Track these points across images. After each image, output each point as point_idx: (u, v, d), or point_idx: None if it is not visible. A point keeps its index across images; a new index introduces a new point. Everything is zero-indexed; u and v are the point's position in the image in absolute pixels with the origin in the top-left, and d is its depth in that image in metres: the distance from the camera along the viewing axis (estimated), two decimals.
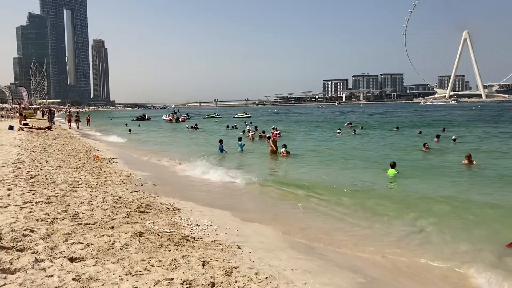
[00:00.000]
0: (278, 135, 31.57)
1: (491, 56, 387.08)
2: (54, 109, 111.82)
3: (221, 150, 22.37)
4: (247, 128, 39.37)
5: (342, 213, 10.04)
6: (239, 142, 22.67)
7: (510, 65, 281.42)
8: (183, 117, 69.97)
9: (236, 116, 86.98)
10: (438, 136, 27.65)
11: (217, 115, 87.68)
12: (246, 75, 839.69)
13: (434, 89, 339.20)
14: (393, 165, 15.31)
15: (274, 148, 21.21)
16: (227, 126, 45.61)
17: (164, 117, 73.32)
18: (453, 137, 26.65)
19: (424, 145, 22.29)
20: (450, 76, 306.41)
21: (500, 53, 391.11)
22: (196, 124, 48.15)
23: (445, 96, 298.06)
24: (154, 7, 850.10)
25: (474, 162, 16.92)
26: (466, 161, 17.03)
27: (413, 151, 22.48)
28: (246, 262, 6.04)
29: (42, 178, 11.06)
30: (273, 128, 37.61)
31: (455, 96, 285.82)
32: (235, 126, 45.38)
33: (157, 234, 6.86)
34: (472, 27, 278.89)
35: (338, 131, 35.37)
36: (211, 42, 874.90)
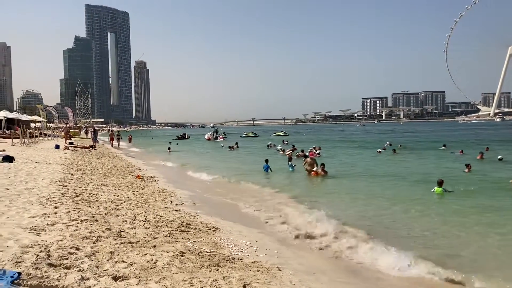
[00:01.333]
0: (318, 154, 31.36)
1: None
2: (97, 128, 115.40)
3: (267, 169, 22.43)
4: (279, 148, 39.34)
5: (385, 234, 9.80)
6: (290, 163, 22.49)
7: None
8: (222, 136, 70.64)
9: (273, 134, 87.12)
10: (481, 154, 26.76)
11: (255, 134, 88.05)
12: (284, 93, 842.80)
13: (478, 106, 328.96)
14: (440, 183, 14.93)
15: (312, 167, 21.04)
16: (268, 146, 45.52)
17: (205, 136, 74.27)
18: (499, 156, 25.70)
19: (467, 166, 21.48)
20: (495, 93, 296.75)
21: None
22: (236, 143, 48.41)
23: (489, 114, 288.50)
24: (192, 30, 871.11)
25: None
26: None
27: (455, 171, 21.72)
28: (287, 284, 5.98)
29: (87, 196, 11.39)
30: (313, 148, 37.44)
31: (501, 114, 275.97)
32: (273, 144, 45.38)
33: (198, 254, 6.89)
34: None
35: (378, 150, 34.84)
36: (249, 61, 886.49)
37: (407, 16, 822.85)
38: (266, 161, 23.13)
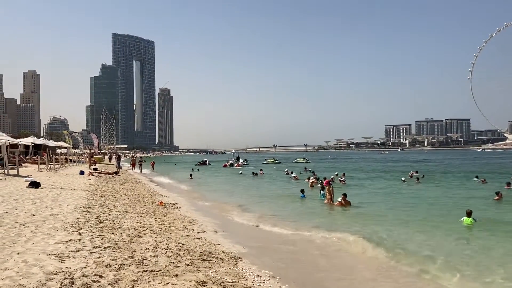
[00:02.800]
0: (343, 182, 31.02)
1: None
2: (121, 154, 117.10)
3: (303, 196, 23.23)
4: (293, 175, 39.25)
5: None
6: (322, 192, 22.35)
7: None
8: (239, 163, 70.65)
9: (295, 161, 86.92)
10: (509, 184, 26.19)
11: (276, 160, 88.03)
12: (305, 119, 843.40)
13: (505, 134, 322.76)
14: (469, 213, 14.69)
15: (330, 196, 20.67)
16: (287, 172, 45.56)
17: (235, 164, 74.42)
18: None
19: (498, 193, 21.03)
20: None
21: None
22: (261, 170, 48.59)
23: None
24: (214, 57, 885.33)
25: None
26: None
27: (483, 200, 21.22)
28: None
29: (110, 223, 11.48)
30: (336, 174, 37.17)
31: None
32: (290, 172, 45.32)
33: (220, 284, 6.83)
34: None
35: (402, 179, 34.41)
36: (270, 87, 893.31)
37: (431, 43, 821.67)
38: (302, 191, 23.81)
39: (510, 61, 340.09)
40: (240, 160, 75.27)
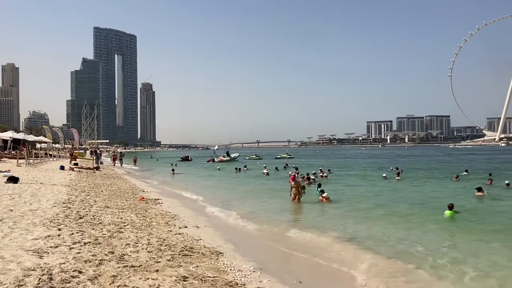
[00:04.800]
0: (326, 177, 31.18)
1: None
2: (102, 150, 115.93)
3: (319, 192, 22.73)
4: (264, 171, 39.41)
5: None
6: (319, 189, 22.21)
7: None
8: (220, 158, 70.50)
9: (278, 157, 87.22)
10: (490, 180, 26.71)
11: (258, 156, 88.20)
12: (288, 116, 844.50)
13: (483, 131, 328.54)
14: (450, 207, 15.11)
15: (297, 191, 20.12)
16: (276, 168, 45.68)
17: (217, 159, 74.32)
18: (506, 181, 25.58)
19: (479, 189, 21.41)
20: (500, 118, 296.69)
21: None
22: (245, 166, 48.65)
23: (494, 138, 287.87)
24: (197, 53, 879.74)
25: None
26: None
27: (465, 196, 21.55)
28: None
29: (91, 218, 11.37)
30: (320, 170, 37.31)
31: (505, 139, 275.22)
32: (263, 166, 45.52)
33: (201, 279, 6.83)
34: None
35: (384, 175, 34.74)
36: (254, 84, 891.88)
37: (412, 41, 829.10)
38: (319, 185, 23.17)
39: (489, 59, 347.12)
40: (233, 155, 75.20)
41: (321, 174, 33.84)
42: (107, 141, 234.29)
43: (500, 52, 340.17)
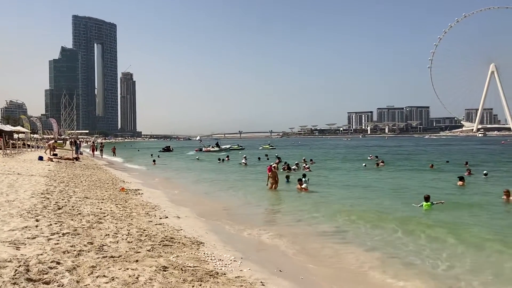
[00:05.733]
0: (308, 169, 31.38)
1: None
2: (81, 140, 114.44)
3: (287, 181, 23.25)
4: (243, 161, 39.55)
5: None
6: (304, 179, 22.29)
7: None
8: (208, 148, 70.56)
9: (260, 147, 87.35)
10: (469, 171, 27.21)
11: (240, 146, 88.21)
12: (271, 107, 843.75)
13: (461, 122, 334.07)
14: (427, 198, 15.19)
15: (274, 180, 20.51)
16: (259, 158, 45.91)
17: (204, 149, 74.13)
18: (484, 171, 26.08)
19: (461, 179, 21.72)
20: (478, 109, 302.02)
21: None
22: (227, 156, 48.60)
23: (472, 129, 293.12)
24: (179, 43, 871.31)
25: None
26: (505, 197, 16.60)
27: (444, 186, 21.89)
28: None
29: (69, 209, 11.24)
30: (303, 160, 37.57)
31: (482, 130, 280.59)
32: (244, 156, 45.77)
33: (181, 269, 6.82)
34: (498, 60, 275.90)
35: (364, 164, 35.11)
36: (235, 74, 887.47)
37: (392, 32, 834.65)
38: (287, 177, 24.01)
39: (468, 50, 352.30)
40: (224, 146, 75.28)
41: (304, 164, 34.03)
42: (87, 131, 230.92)
43: (478, 44, 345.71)
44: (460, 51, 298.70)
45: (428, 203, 15.04)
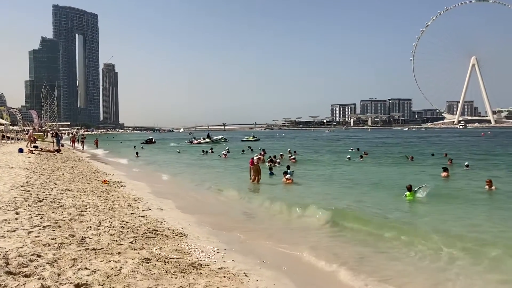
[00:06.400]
0: (293, 160, 31.46)
1: (500, 81, 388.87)
2: (63, 132, 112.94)
3: (271, 174, 23.14)
4: (223, 152, 39.62)
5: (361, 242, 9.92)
6: (288, 170, 22.23)
7: None
8: (198, 140, 70.71)
9: (244, 139, 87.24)
10: (450, 160, 27.59)
11: (224, 138, 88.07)
12: (255, 99, 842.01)
13: (443, 114, 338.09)
14: (409, 188, 15.27)
15: (256, 173, 20.51)
16: (243, 151, 45.84)
17: (195, 141, 73.60)
18: (466, 163, 26.44)
19: (445, 170, 21.93)
20: (459, 102, 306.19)
21: (508, 79, 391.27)
22: (211, 148, 48.34)
23: (453, 121, 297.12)
24: (162, 34, 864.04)
25: (493, 188, 16.75)
26: (487, 187, 16.91)
27: (425, 177, 22.11)
28: None
29: (50, 201, 11.10)
30: (288, 151, 37.69)
31: (463, 122, 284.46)
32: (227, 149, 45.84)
33: (164, 261, 6.81)
34: (480, 53, 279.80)
35: (348, 156, 35.30)
36: (218, 65, 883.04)
37: (376, 25, 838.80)
38: (270, 168, 23.99)
39: (450, 43, 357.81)
40: (215, 137, 75.18)
41: (289, 155, 34.04)
42: (69, 123, 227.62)
43: (460, 37, 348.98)
44: (442, 44, 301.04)
45: (411, 192, 15.14)
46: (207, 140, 72.11)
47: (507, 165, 27.93)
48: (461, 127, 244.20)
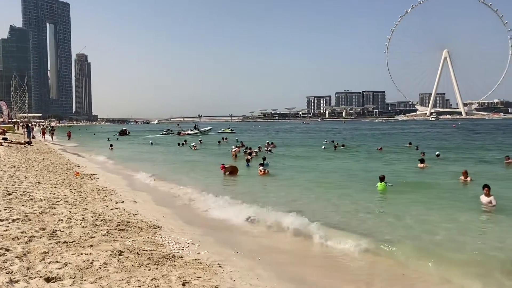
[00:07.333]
0: (270, 151, 31.53)
1: (470, 74, 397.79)
2: (34, 124, 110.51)
3: (247, 165, 23.04)
4: (192, 144, 39.58)
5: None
6: (265, 162, 22.11)
7: (489, 84, 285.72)
8: (186, 132, 70.66)
9: (220, 131, 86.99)
10: (423, 153, 28.10)
11: (231, 130, 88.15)
12: (231, 90, 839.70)
13: (416, 106, 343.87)
14: (382, 178, 15.22)
15: (232, 169, 20.51)
16: (219, 142, 45.78)
17: (183, 132, 72.71)
18: (437, 152, 26.95)
19: (422, 161, 22.09)
20: (431, 94, 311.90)
21: (479, 72, 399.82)
22: (185, 140, 47.94)
23: (426, 113, 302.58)
24: (137, 24, 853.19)
25: (469, 179, 16.86)
26: (462, 178, 17.04)
27: (402, 168, 22.41)
28: (227, 281, 5.99)
29: (20, 194, 10.86)
30: (267, 143, 37.78)
31: (435, 113, 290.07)
32: (225, 138, 45.70)
33: (137, 253, 6.76)
34: (451, 46, 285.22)
35: (323, 147, 35.61)
36: (194, 57, 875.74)
37: (350, 17, 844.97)
38: (247, 160, 23.79)
39: (423, 36, 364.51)
40: (204, 128, 75.10)
41: (265, 149, 34.14)
42: (40, 114, 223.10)
43: (433, 30, 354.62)
44: (415, 37, 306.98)
45: (383, 183, 15.19)
46: (195, 131, 71.63)
47: (476, 155, 28.65)
48: (433, 118, 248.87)
